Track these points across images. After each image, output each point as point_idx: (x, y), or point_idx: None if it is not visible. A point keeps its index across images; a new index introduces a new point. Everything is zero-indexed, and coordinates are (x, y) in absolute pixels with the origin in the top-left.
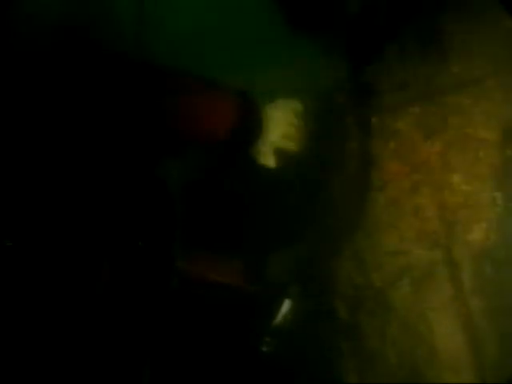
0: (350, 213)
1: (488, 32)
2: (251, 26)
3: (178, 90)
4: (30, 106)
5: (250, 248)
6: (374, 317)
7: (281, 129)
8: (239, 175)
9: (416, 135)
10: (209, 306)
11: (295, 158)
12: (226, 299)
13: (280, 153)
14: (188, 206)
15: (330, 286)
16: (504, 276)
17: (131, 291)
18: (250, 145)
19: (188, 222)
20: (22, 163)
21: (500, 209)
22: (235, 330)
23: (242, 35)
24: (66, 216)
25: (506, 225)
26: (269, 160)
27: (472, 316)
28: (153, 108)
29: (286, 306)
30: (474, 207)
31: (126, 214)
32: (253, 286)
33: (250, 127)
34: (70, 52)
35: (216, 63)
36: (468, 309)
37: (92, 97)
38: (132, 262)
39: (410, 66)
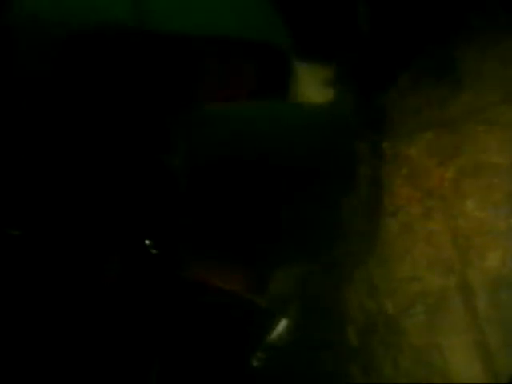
0: (362, 238)
1: (501, 59)
2: None
3: (191, 55)
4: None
5: (256, 257)
6: (386, 344)
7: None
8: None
9: (429, 161)
10: (207, 311)
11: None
12: (226, 307)
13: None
14: (194, 204)
15: (339, 310)
16: None
17: (136, 291)
18: (283, 93)
19: (193, 221)
20: (31, 154)
21: None
22: (230, 340)
23: None
24: (73, 207)
25: None
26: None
27: (489, 345)
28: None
29: (283, 323)
30: (488, 234)
31: (132, 208)
32: (254, 296)
33: (275, 77)
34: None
35: None
36: (484, 337)
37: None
38: (139, 261)
39: (422, 92)
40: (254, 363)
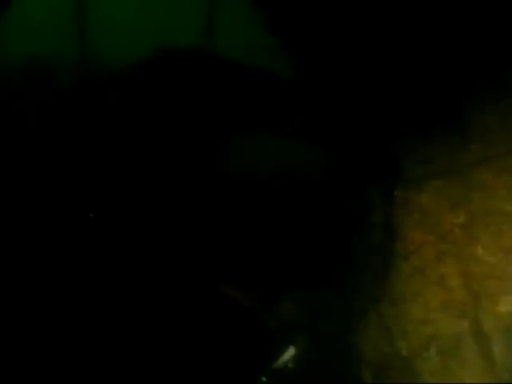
0: (376, 281)
1: (507, 110)
2: None
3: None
4: None
5: (267, 278)
6: None
7: None
8: None
9: (440, 207)
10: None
11: None
12: (241, 323)
13: None
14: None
15: (354, 352)
16: None
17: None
18: None
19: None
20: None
21: None
22: (237, 361)
23: None
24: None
25: None
26: None
27: None
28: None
29: (289, 352)
30: (500, 278)
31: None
32: (268, 318)
33: None
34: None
35: None
36: None
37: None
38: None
39: (432, 143)
40: None
